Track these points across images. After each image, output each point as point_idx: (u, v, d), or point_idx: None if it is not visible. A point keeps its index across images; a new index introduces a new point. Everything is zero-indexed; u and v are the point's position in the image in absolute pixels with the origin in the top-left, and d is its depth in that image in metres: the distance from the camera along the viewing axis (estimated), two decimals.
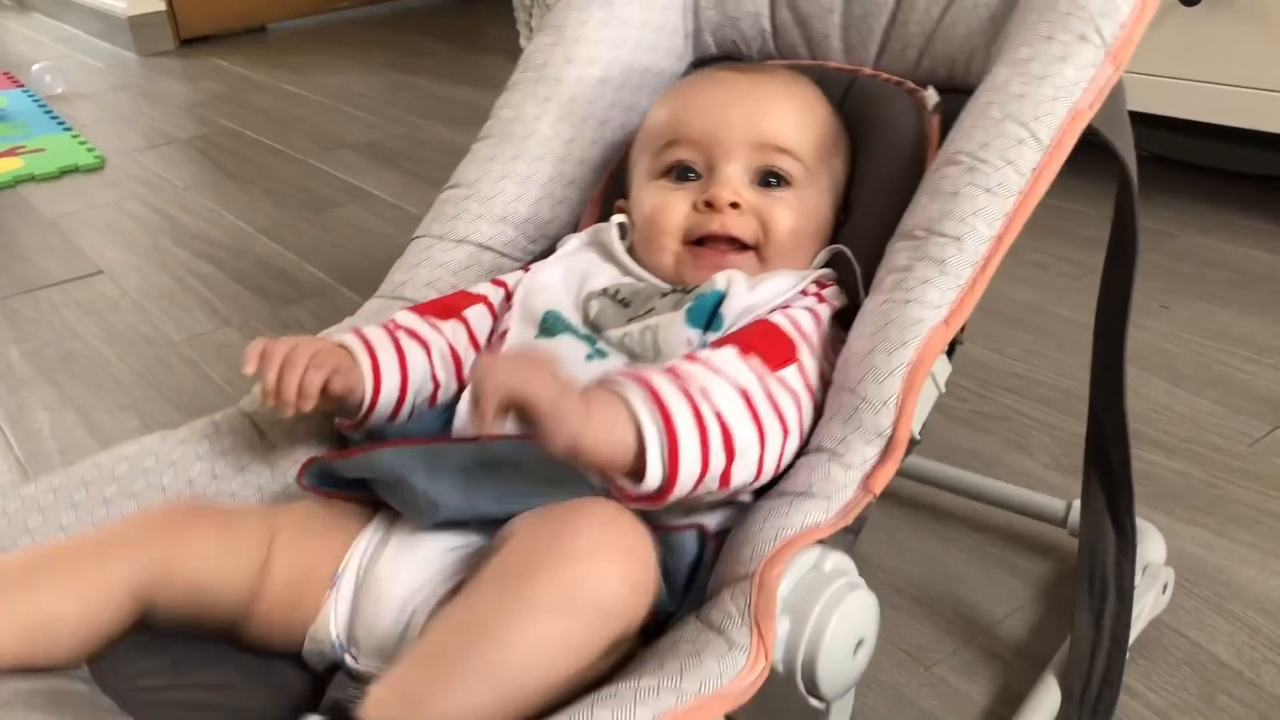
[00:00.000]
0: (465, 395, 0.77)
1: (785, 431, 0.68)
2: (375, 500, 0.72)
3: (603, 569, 0.57)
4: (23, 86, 3.05)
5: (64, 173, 2.33)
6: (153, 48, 3.46)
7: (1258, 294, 1.46)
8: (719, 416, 0.64)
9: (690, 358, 0.69)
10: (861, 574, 0.65)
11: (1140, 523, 0.97)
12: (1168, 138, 1.84)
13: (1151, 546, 0.96)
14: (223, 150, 2.45)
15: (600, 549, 0.57)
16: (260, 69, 3.17)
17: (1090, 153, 0.76)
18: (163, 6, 3.46)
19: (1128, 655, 0.83)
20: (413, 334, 0.80)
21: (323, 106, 2.74)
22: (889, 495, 0.70)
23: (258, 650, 0.71)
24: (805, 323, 0.75)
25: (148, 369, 1.48)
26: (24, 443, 1.33)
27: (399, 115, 2.59)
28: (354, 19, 3.79)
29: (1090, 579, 0.85)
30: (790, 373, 0.71)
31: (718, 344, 0.71)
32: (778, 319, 0.74)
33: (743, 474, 0.66)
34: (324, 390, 0.72)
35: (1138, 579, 0.91)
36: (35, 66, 3.04)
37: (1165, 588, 0.94)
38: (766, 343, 0.71)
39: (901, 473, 0.71)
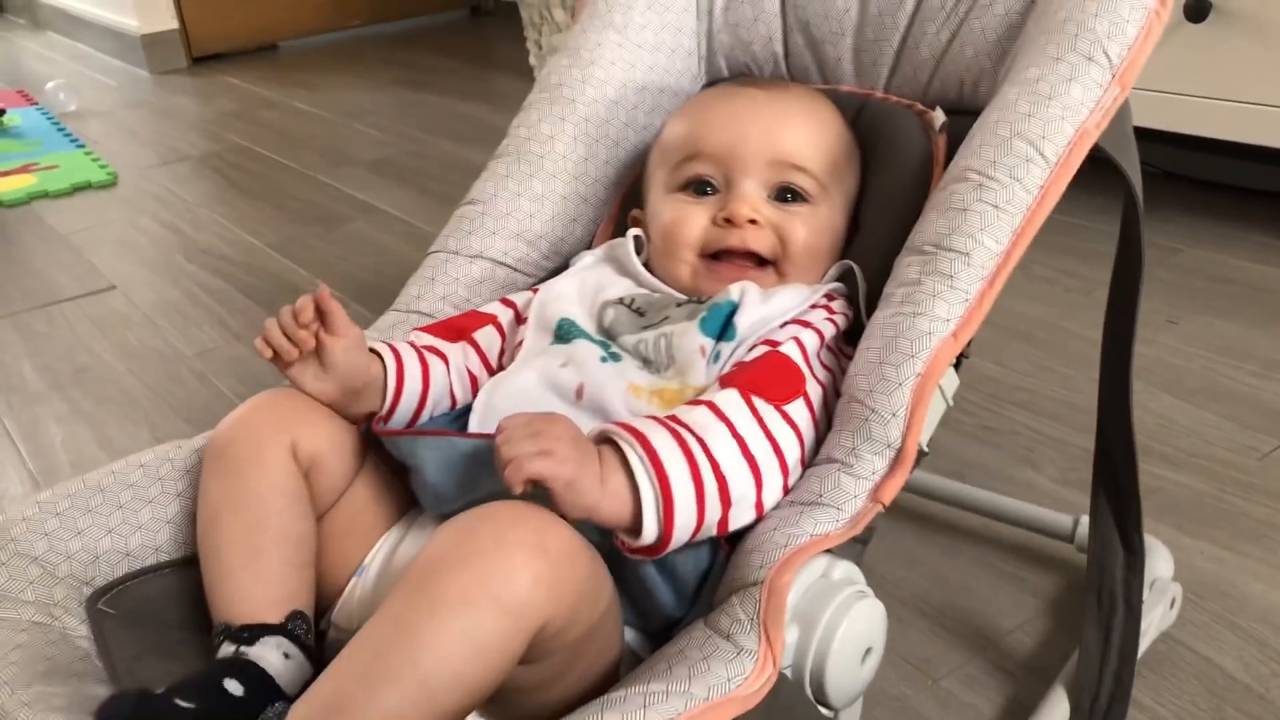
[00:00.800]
0: (474, 416, 0.77)
1: (784, 471, 0.69)
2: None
3: (504, 563, 0.57)
4: (36, 104, 3.07)
5: (77, 189, 2.35)
6: (165, 65, 3.49)
7: (1265, 309, 1.46)
8: (715, 468, 0.65)
9: (695, 403, 0.70)
10: (869, 585, 0.65)
11: (1147, 539, 0.97)
12: (1176, 153, 1.85)
13: (1159, 562, 0.96)
14: (234, 167, 2.46)
15: (503, 544, 0.57)
16: (272, 86, 3.20)
17: (1097, 168, 0.77)
18: (175, 25, 3.49)
19: (1136, 670, 0.83)
20: (430, 348, 0.82)
21: (333, 123, 2.76)
22: (898, 508, 0.71)
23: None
24: (812, 346, 0.76)
25: (159, 383, 1.49)
26: (36, 456, 1.33)
27: (409, 132, 2.61)
28: (364, 37, 3.82)
29: (1099, 594, 0.85)
30: (795, 407, 0.71)
31: (725, 381, 0.72)
32: (788, 350, 0.74)
33: (741, 518, 0.67)
34: (325, 327, 0.75)
35: (1145, 594, 0.91)
36: (49, 84, 3.07)
37: (1173, 603, 0.94)
38: (774, 377, 0.72)
39: (910, 488, 0.71)
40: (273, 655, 0.68)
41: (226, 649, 0.68)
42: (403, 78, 3.17)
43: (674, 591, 0.68)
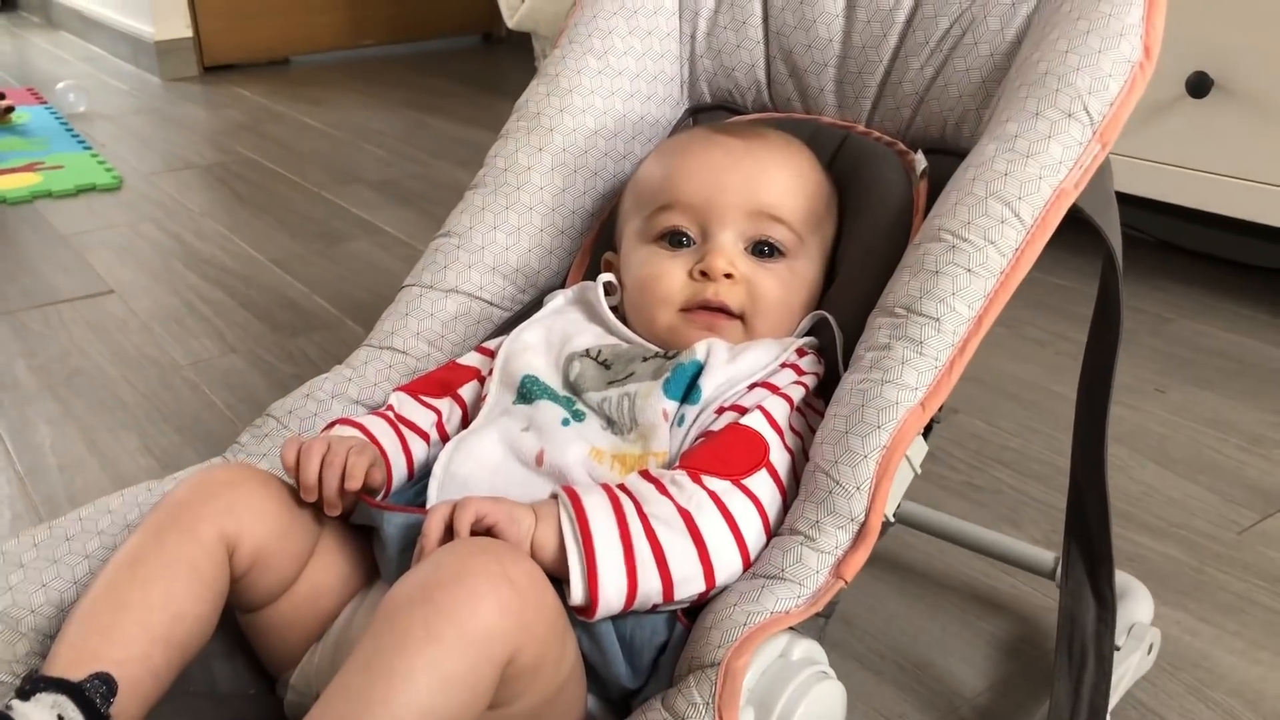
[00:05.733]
0: (434, 482, 0.76)
1: (741, 545, 0.69)
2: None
3: (469, 594, 0.57)
4: (46, 103, 3.09)
5: (81, 191, 2.36)
6: (177, 73, 3.51)
7: (1252, 383, 1.48)
8: (651, 541, 0.66)
9: (645, 475, 0.70)
10: (846, 639, 0.66)
11: (1128, 579, 0.97)
12: (1171, 224, 1.87)
13: (1139, 606, 0.96)
14: (239, 178, 2.47)
15: (466, 575, 0.58)
16: (281, 100, 3.21)
17: (1092, 231, 0.78)
18: (189, 33, 3.51)
19: None
20: (413, 427, 0.82)
21: (340, 141, 2.77)
22: (877, 562, 0.71)
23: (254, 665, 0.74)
24: (781, 414, 0.75)
25: (152, 390, 1.49)
26: (24, 456, 1.33)
27: (415, 154, 2.62)
28: (376, 57, 3.84)
29: (1069, 647, 0.85)
30: (757, 479, 0.71)
31: (684, 459, 0.72)
32: (752, 421, 0.74)
33: (690, 591, 0.67)
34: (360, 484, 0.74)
35: (1123, 639, 0.91)
36: (59, 84, 3.08)
37: (1151, 648, 0.94)
38: (734, 451, 0.72)
39: (898, 518, 0.70)
40: (39, 715, 0.59)
41: (8, 699, 0.61)
42: (412, 100, 3.19)
43: (629, 664, 0.68)
